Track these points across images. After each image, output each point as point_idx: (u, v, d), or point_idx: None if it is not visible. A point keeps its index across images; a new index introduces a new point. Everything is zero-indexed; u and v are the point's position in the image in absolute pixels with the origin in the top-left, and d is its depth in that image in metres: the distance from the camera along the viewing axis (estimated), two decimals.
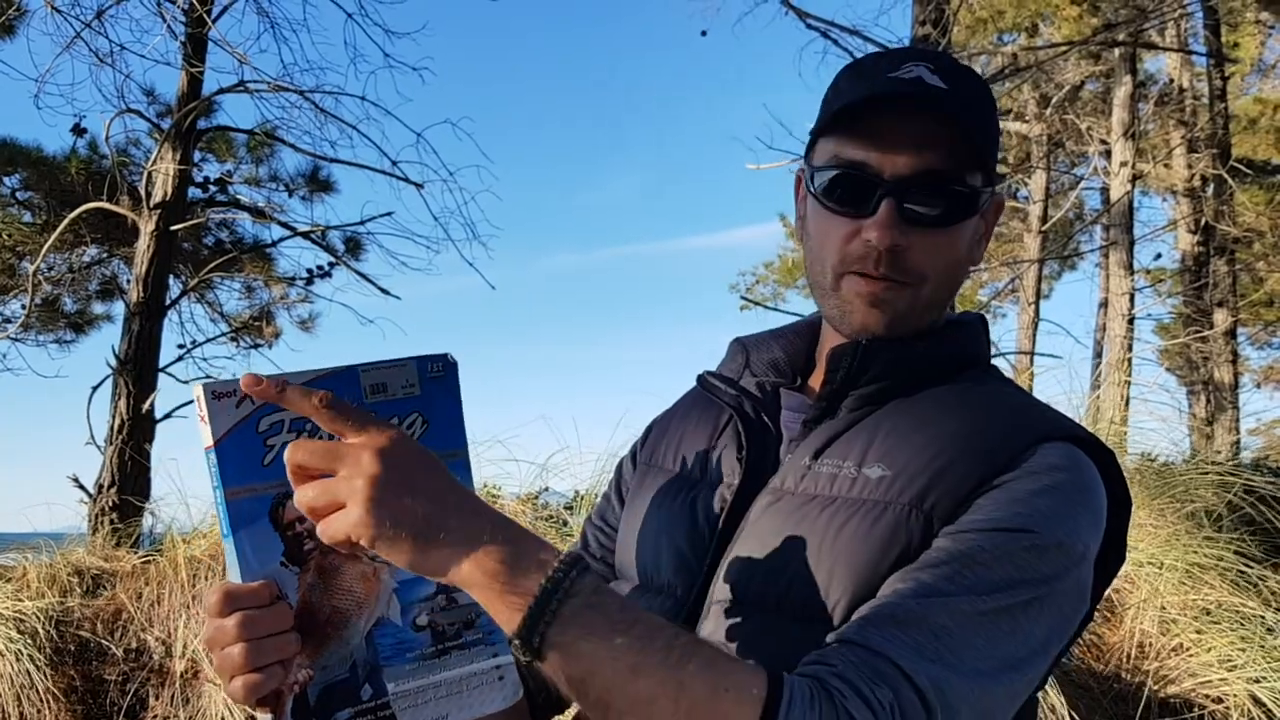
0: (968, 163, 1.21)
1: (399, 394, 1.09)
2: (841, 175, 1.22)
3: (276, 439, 1.05)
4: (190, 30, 8.52)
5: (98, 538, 6.07)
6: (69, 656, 4.87)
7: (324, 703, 1.06)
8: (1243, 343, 16.36)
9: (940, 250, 1.22)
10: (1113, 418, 6.21)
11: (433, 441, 1.08)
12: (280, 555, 1.05)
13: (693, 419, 1.43)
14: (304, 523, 1.05)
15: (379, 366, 1.09)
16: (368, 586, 1.08)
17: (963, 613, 1.04)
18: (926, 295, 1.24)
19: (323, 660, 1.06)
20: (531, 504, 5.75)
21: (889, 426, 1.21)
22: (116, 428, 7.87)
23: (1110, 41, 10.68)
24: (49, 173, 10.38)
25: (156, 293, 8.35)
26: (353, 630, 1.07)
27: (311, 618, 1.06)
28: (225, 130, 9.99)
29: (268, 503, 1.05)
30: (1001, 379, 1.32)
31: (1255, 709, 3.77)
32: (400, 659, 1.08)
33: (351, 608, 1.07)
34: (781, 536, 1.18)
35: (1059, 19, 13.68)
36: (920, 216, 1.20)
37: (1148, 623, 4.12)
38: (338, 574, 1.07)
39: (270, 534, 1.05)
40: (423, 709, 1.09)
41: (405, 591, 1.09)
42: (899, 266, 1.21)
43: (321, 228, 9.92)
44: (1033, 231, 16.47)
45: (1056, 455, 1.16)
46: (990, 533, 1.09)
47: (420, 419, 1.10)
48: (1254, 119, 15.30)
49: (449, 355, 1.12)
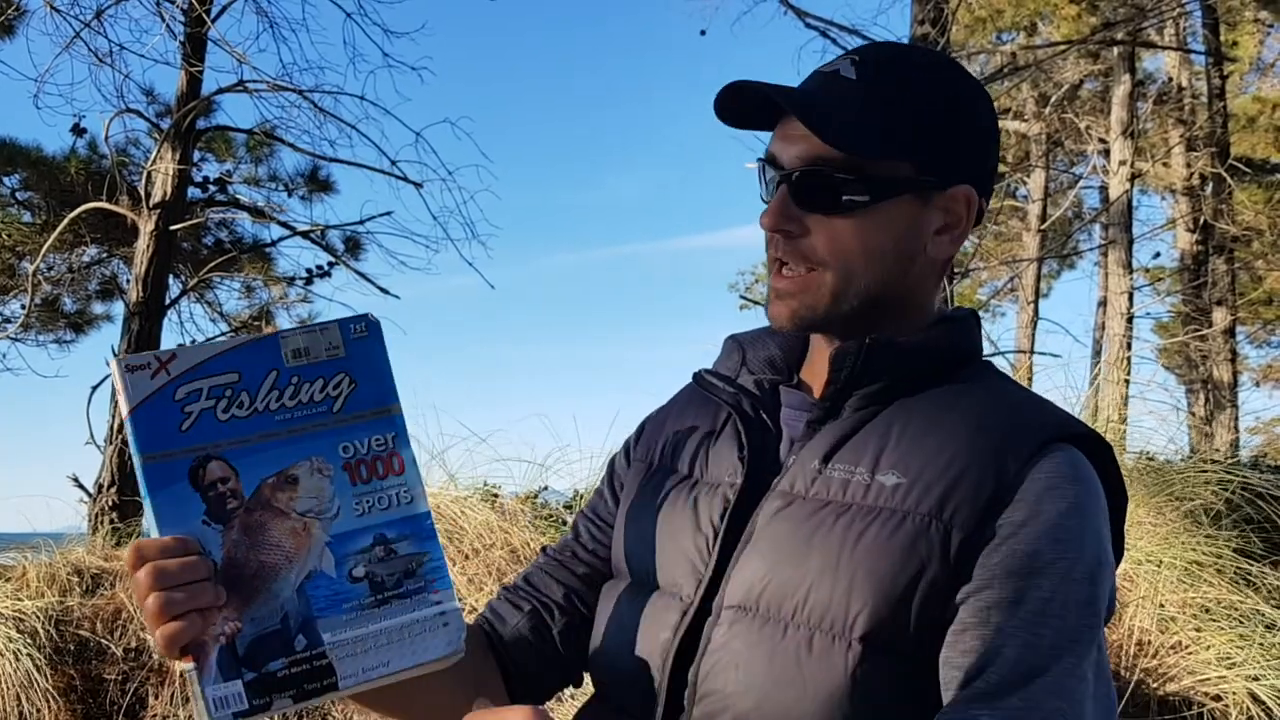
0: (867, 150, 1.19)
1: (323, 357, 1.12)
2: (761, 167, 1.28)
3: (194, 406, 1.08)
4: (189, 30, 8.53)
5: (97, 537, 6.06)
6: (68, 656, 4.87)
7: (254, 653, 1.07)
8: (1241, 341, 16.37)
9: (842, 235, 1.21)
10: (1111, 416, 6.21)
11: (362, 400, 1.13)
12: (201, 514, 1.07)
13: (690, 417, 1.42)
14: (226, 483, 1.08)
15: (299, 332, 1.12)
16: (297, 541, 1.09)
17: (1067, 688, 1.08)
18: (839, 281, 1.23)
19: (251, 613, 1.07)
20: (530, 503, 5.75)
21: (898, 431, 1.21)
22: (116, 427, 7.87)
23: (1109, 40, 10.69)
24: (48, 173, 10.40)
25: (156, 292, 8.36)
26: (282, 583, 1.08)
27: (238, 573, 1.07)
28: (225, 130, 10.01)
29: (186, 465, 1.07)
30: (998, 374, 1.32)
31: (1254, 706, 3.77)
32: (336, 610, 1.09)
33: (280, 561, 1.09)
34: (796, 543, 1.17)
35: (1058, 18, 13.68)
36: (813, 202, 1.21)
37: (1146, 620, 4.12)
38: (264, 530, 1.09)
39: (190, 495, 1.07)
40: (362, 657, 1.09)
41: (340, 545, 1.10)
42: (796, 253, 1.23)
43: (321, 227, 9.93)
44: (1031, 230, 16.48)
45: (1067, 464, 1.17)
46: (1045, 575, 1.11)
47: (348, 379, 1.12)
48: (1253, 117, 15.30)
49: (370, 315, 1.15)
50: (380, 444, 1.13)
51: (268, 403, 1.11)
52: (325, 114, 8.91)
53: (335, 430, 1.12)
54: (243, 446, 1.09)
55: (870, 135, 1.19)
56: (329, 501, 1.11)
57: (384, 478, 1.13)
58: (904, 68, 1.24)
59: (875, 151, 1.20)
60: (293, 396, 1.11)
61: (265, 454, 1.10)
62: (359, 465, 1.12)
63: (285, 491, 1.10)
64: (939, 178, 1.23)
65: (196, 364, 1.10)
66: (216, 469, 1.08)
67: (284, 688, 1.07)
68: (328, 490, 1.11)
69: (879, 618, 1.11)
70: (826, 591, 1.13)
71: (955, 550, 1.12)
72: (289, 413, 1.11)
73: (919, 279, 1.28)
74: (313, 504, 1.10)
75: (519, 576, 1.48)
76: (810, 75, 1.27)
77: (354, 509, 1.11)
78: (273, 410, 1.11)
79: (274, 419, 1.11)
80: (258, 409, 1.10)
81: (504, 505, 5.61)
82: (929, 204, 1.24)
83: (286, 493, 1.10)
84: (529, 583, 1.45)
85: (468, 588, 4.83)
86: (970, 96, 1.27)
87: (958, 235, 1.28)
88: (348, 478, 1.11)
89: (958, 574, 1.12)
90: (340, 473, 1.11)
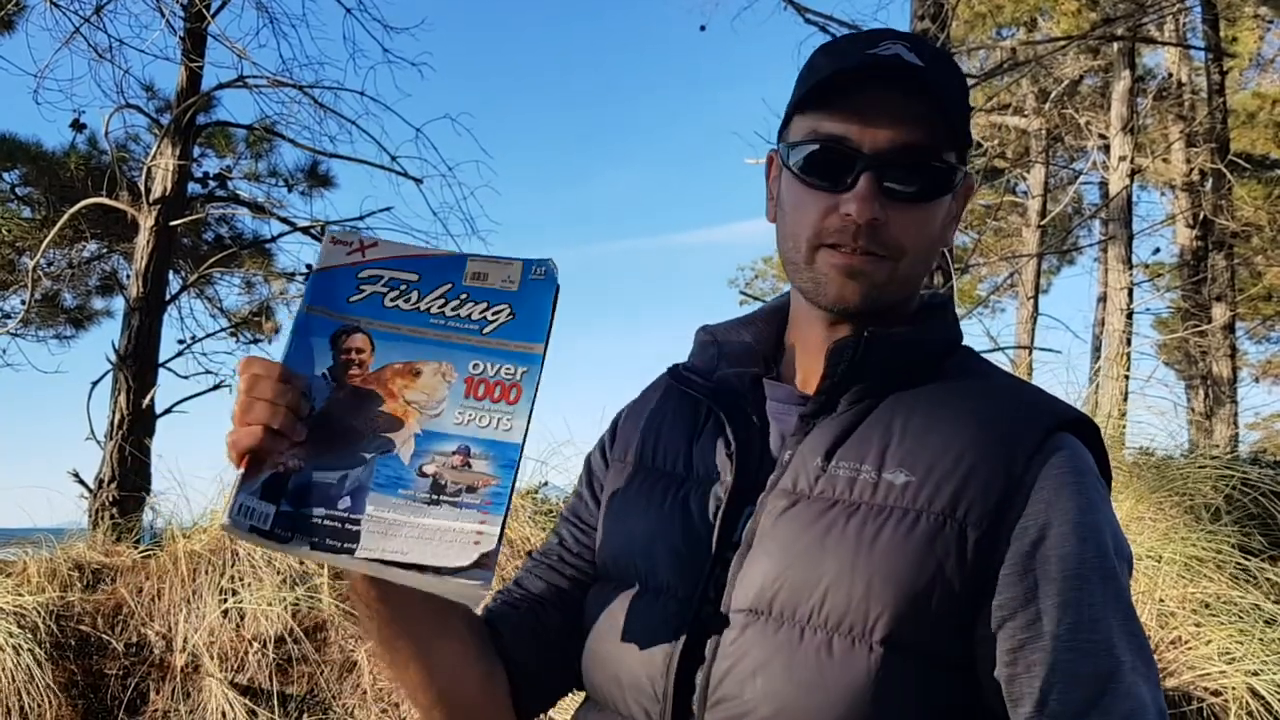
0: (945, 139, 1.21)
1: (497, 285, 1.19)
2: (821, 149, 1.22)
3: (369, 287, 1.19)
4: (189, 25, 8.52)
5: (98, 533, 6.06)
6: (69, 651, 4.87)
7: (301, 493, 1.13)
8: (1241, 337, 16.37)
9: (918, 225, 1.22)
10: (1111, 412, 6.21)
11: (514, 331, 1.18)
12: (325, 368, 1.17)
13: (668, 413, 1.40)
14: (360, 354, 1.17)
15: (487, 260, 1.21)
16: (392, 422, 1.15)
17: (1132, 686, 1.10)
18: (903, 270, 1.23)
19: (317, 462, 1.14)
20: (531, 498, 5.75)
21: (901, 425, 1.20)
22: (116, 423, 7.88)
23: (1109, 36, 10.67)
24: (48, 168, 10.39)
25: (156, 288, 8.36)
26: (359, 449, 1.15)
27: (327, 426, 1.15)
28: (225, 125, 10.00)
29: (336, 326, 1.18)
30: (982, 361, 1.33)
31: (1254, 702, 3.78)
32: (391, 490, 1.13)
33: (367, 431, 1.15)
34: (808, 544, 1.16)
35: (1057, 13, 13.68)
36: (899, 191, 1.20)
37: (1146, 616, 4.13)
38: (369, 400, 1.16)
39: (325, 350, 1.17)
40: (388, 539, 1.11)
41: (427, 440, 1.15)
42: (877, 240, 1.20)
43: (321, 223, 9.91)
44: (1031, 226, 16.47)
45: (1074, 455, 1.18)
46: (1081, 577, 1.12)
47: (509, 310, 1.18)
48: (1253, 113, 15.29)
49: (551, 261, 1.20)
50: (509, 373, 1.16)
51: (431, 305, 1.19)
52: (325, 109, 8.91)
53: (476, 348, 1.17)
54: (391, 332, 1.18)
55: (947, 126, 1.21)
56: (437, 402, 1.16)
57: (496, 401, 1.16)
58: (946, 58, 1.25)
59: (951, 142, 1.21)
60: (455, 309, 1.18)
61: (406, 345, 1.18)
62: (480, 383, 1.16)
63: (404, 379, 1.16)
64: (965, 169, 1.25)
65: (390, 256, 1.21)
66: (358, 340, 1.17)
67: (309, 532, 1.12)
68: (441, 392, 1.16)
69: (900, 620, 1.10)
70: (844, 594, 1.12)
71: (972, 549, 1.12)
72: (444, 319, 1.18)
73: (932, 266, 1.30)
74: (422, 398, 1.16)
75: (511, 581, 1.46)
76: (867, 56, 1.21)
77: (456, 416, 1.15)
78: (432, 313, 1.19)
79: (429, 319, 1.18)
80: (419, 308, 1.19)
81: None
82: (955, 195, 1.26)
83: (405, 380, 1.16)
84: (521, 586, 1.44)
85: None
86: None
87: (958, 222, 1.31)
88: (464, 389, 1.16)
89: (977, 573, 1.12)
90: (460, 383, 1.16)
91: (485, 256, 1.21)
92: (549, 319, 1.18)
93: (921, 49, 1.21)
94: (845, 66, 1.20)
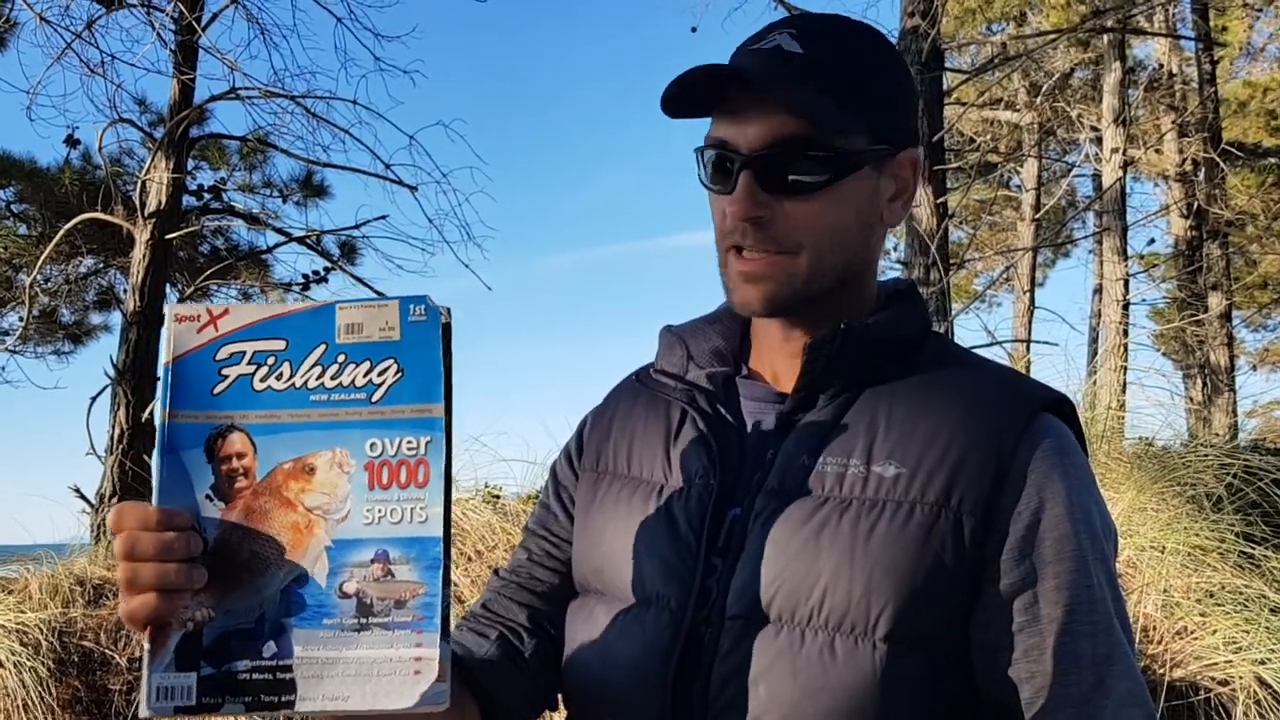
0: (833, 123, 1.17)
1: (375, 336, 1.04)
2: (708, 155, 1.22)
3: (232, 369, 1.03)
4: (180, 38, 8.53)
5: (100, 547, 6.05)
6: (72, 667, 4.86)
7: (220, 648, 1.01)
8: (1237, 325, 16.40)
9: (812, 216, 1.18)
10: (1110, 403, 6.21)
11: (406, 394, 1.04)
12: (207, 487, 1.02)
13: (639, 418, 1.36)
14: (241, 459, 1.02)
15: (357, 304, 1.05)
16: (297, 538, 1.02)
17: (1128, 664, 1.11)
18: (810, 262, 1.19)
19: (228, 604, 1.01)
20: (532, 503, 5.75)
21: (885, 417, 1.18)
22: (116, 437, 7.89)
23: (1099, 28, 10.69)
24: (43, 184, 10.39)
25: (153, 302, 8.36)
26: (269, 579, 1.02)
27: (226, 558, 1.02)
28: (218, 138, 10.00)
29: (207, 431, 1.03)
30: (955, 347, 1.32)
31: (1261, 690, 3.77)
32: (315, 622, 1.02)
33: (273, 556, 1.02)
34: (801, 544, 1.13)
35: (1047, 7, 13.70)
36: (782, 185, 1.17)
37: (1151, 607, 4.12)
38: (266, 518, 1.02)
39: (201, 464, 1.02)
40: (325, 682, 1.01)
41: (340, 552, 1.02)
42: (767, 237, 1.18)
43: (316, 233, 9.92)
44: (1026, 220, 16.50)
45: (1058, 436, 1.17)
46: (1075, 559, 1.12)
47: (395, 366, 1.04)
48: (1244, 102, 15.33)
49: (430, 298, 1.06)
50: (411, 447, 1.03)
51: (307, 379, 1.04)
52: (318, 119, 8.91)
53: (369, 422, 1.03)
54: (269, 422, 1.03)
55: (832, 108, 1.17)
56: (341, 501, 1.03)
57: (405, 487, 1.03)
58: (842, 35, 1.22)
59: (842, 124, 1.17)
60: (334, 376, 1.04)
61: (290, 434, 1.03)
62: (382, 467, 1.03)
63: (299, 481, 1.03)
64: (890, 145, 1.22)
65: (248, 323, 1.04)
66: (236, 441, 1.02)
67: (240, 692, 1.00)
68: (343, 489, 1.03)
69: (902, 614, 1.09)
70: (844, 592, 1.10)
71: (969, 537, 1.11)
72: (326, 393, 1.04)
73: (875, 249, 1.27)
74: (324, 500, 1.03)
75: (477, 603, 1.40)
76: (747, 54, 1.21)
77: (364, 515, 1.02)
78: (310, 388, 1.04)
79: (309, 397, 1.04)
80: (295, 384, 1.04)
81: (506, 506, 5.60)
82: (883, 173, 1.23)
83: (300, 482, 1.03)
84: (489, 609, 1.38)
85: (470, 589, 4.83)
86: (900, 62, 1.26)
87: (907, 199, 1.26)
88: (367, 479, 1.03)
89: (976, 561, 1.11)
90: (360, 472, 1.03)
91: (356, 301, 1.05)
92: (441, 369, 1.04)
93: (809, 33, 1.19)
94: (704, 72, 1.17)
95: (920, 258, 7.28)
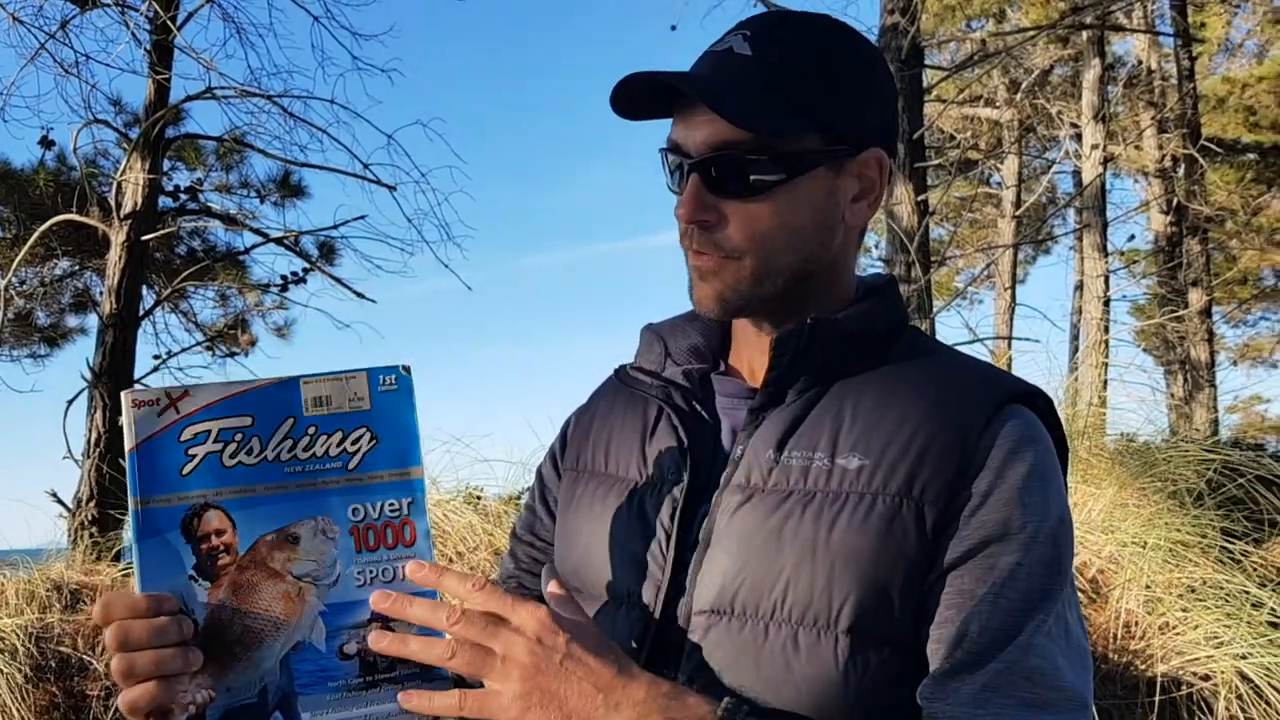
0: (775, 127, 1.15)
1: (345, 407, 1.06)
2: (664, 156, 1.23)
3: (199, 449, 1.03)
4: (155, 38, 8.48)
5: (77, 552, 6.01)
6: (49, 673, 4.82)
7: None
8: (1218, 321, 16.47)
9: (755, 220, 1.18)
10: (1092, 399, 6.23)
11: (383, 460, 1.06)
12: (190, 568, 1.02)
13: (617, 416, 1.37)
14: (221, 536, 1.02)
15: (323, 378, 1.06)
16: (289, 607, 1.03)
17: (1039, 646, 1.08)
18: (757, 265, 1.19)
19: (228, 681, 1.01)
20: (514, 504, 5.73)
21: (851, 411, 1.18)
22: (94, 441, 7.83)
23: (1078, 25, 10.73)
24: (17, 186, 10.33)
25: (130, 304, 8.30)
26: (266, 652, 1.02)
27: (219, 636, 1.01)
28: (194, 138, 9.95)
29: (181, 513, 1.02)
30: (930, 341, 1.30)
31: (1243, 685, 3.77)
32: (320, 688, 1.02)
33: (267, 628, 1.02)
34: (765, 538, 1.14)
35: (1026, 4, 13.75)
36: (728, 188, 1.17)
37: (1133, 602, 4.13)
38: (254, 592, 1.02)
39: (180, 545, 1.02)
40: None
41: (335, 616, 1.03)
42: (708, 241, 1.19)
43: (294, 233, 9.87)
44: (1006, 217, 16.55)
45: (1024, 425, 1.16)
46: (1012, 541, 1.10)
47: (369, 434, 1.06)
48: (1222, 98, 15.40)
49: (403, 367, 1.08)
50: (394, 509, 1.06)
51: (279, 452, 1.04)
52: (295, 119, 8.86)
53: (348, 489, 1.05)
54: (245, 497, 1.03)
55: (775, 111, 1.15)
56: (329, 567, 1.04)
57: (393, 547, 1.05)
58: (798, 34, 1.20)
59: (782, 127, 1.16)
60: (307, 448, 1.05)
61: (268, 508, 1.04)
62: (367, 531, 1.05)
63: (283, 551, 1.03)
64: (849, 145, 1.20)
65: (209, 403, 1.04)
66: (213, 519, 1.02)
67: None
68: (330, 554, 1.04)
69: (864, 606, 1.09)
70: (806, 585, 1.10)
71: (931, 527, 1.11)
72: (300, 465, 1.04)
73: (840, 250, 1.25)
74: (311, 568, 1.03)
75: None
76: (702, 56, 1.22)
77: (355, 578, 1.04)
78: (283, 460, 1.04)
79: (283, 470, 1.04)
80: (267, 458, 1.04)
81: (487, 507, 5.59)
82: (842, 172, 1.21)
83: (285, 552, 1.03)
84: None
85: None
86: (867, 57, 1.24)
87: (874, 200, 1.25)
88: (353, 543, 1.04)
89: (937, 551, 1.11)
90: (346, 536, 1.04)
91: (320, 375, 1.06)
92: (416, 434, 1.07)
93: (763, 34, 1.19)
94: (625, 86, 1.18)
95: (901, 255, 7.28)
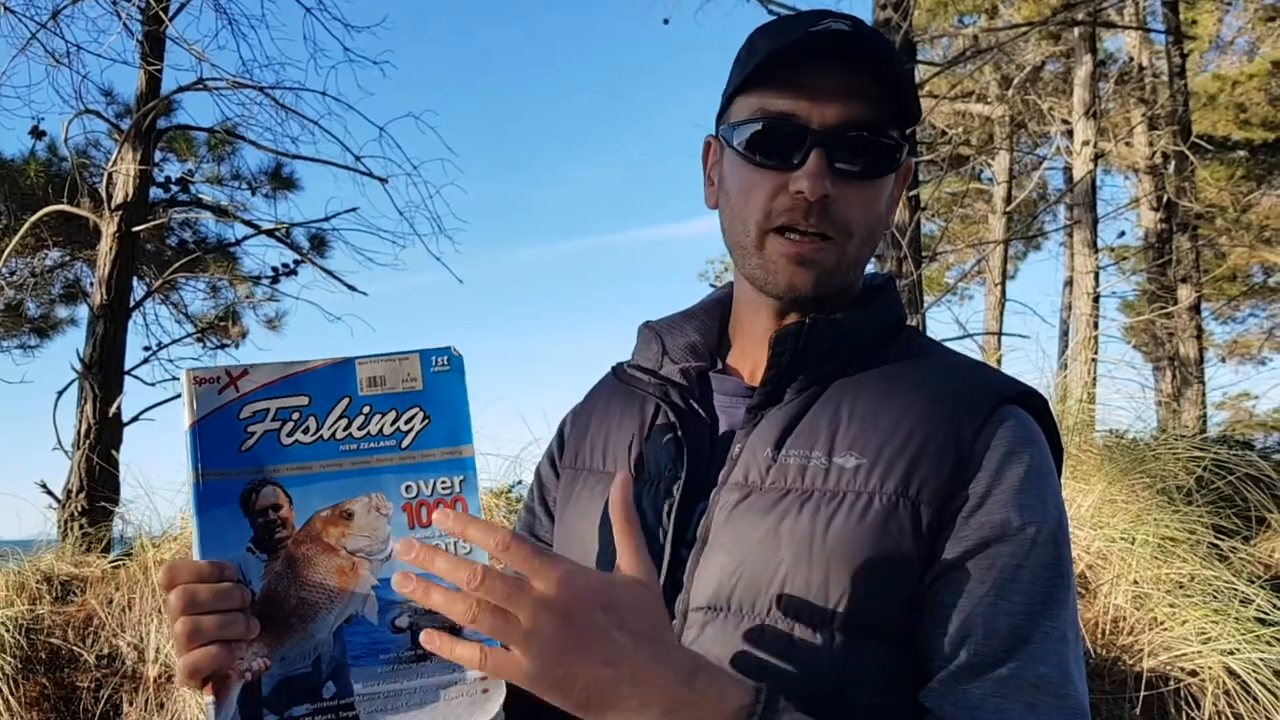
0: (891, 116, 1.18)
1: (399, 387, 1.08)
2: (768, 127, 1.18)
3: (258, 426, 1.06)
4: (147, 28, 8.43)
5: (67, 543, 5.99)
6: (40, 665, 4.81)
7: (280, 695, 1.03)
8: (1207, 318, 16.52)
9: (866, 204, 1.19)
10: (1081, 395, 6.24)
11: (435, 438, 1.08)
12: (248, 541, 1.04)
13: (615, 414, 1.37)
14: (278, 511, 1.05)
15: (377, 359, 1.09)
16: (343, 580, 1.05)
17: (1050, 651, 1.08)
18: (852, 252, 1.21)
19: (282, 651, 1.04)
20: (505, 498, 5.73)
21: (848, 410, 1.18)
22: (84, 432, 7.80)
23: (1070, 21, 10.74)
24: (8, 176, 10.27)
25: (120, 295, 8.27)
26: (320, 624, 1.04)
27: (275, 607, 1.04)
28: (185, 129, 9.90)
29: (240, 487, 1.05)
30: (928, 341, 1.31)
31: (1230, 680, 3.79)
32: (372, 660, 1.04)
33: (322, 601, 1.05)
34: (761, 535, 1.14)
35: (1018, 0, 13.74)
36: (847, 169, 1.17)
37: (1121, 598, 4.14)
38: (310, 565, 1.05)
39: (239, 518, 1.05)
40: (391, 715, 1.04)
41: (388, 590, 1.04)
42: (828, 219, 1.18)
43: (286, 225, 9.84)
44: (997, 212, 16.56)
45: (1020, 426, 1.17)
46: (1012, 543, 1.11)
47: (421, 414, 1.08)
48: (1213, 95, 15.42)
49: (453, 348, 1.10)
50: (446, 487, 1.07)
51: (334, 431, 1.07)
52: (287, 110, 8.82)
53: (401, 467, 1.07)
54: (301, 474, 1.06)
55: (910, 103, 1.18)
56: (382, 542, 1.06)
57: None
58: (884, 37, 1.22)
59: (917, 117, 1.18)
60: (361, 427, 1.07)
61: (324, 484, 1.06)
62: (420, 507, 1.07)
63: (338, 526, 1.06)
64: (908, 146, 1.22)
65: (267, 383, 1.07)
66: (270, 494, 1.05)
67: None
68: (383, 530, 1.06)
69: (859, 604, 1.09)
70: (802, 583, 1.11)
71: (927, 527, 1.11)
72: (355, 443, 1.07)
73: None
74: (365, 543, 1.06)
75: None
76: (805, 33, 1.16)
77: None
78: (339, 439, 1.07)
79: (339, 448, 1.07)
80: (323, 436, 1.07)
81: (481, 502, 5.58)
82: (897, 172, 1.24)
83: (339, 528, 1.06)
84: None
85: None
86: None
87: (896, 205, 1.28)
88: (406, 519, 1.06)
89: (932, 550, 1.11)
90: (399, 513, 1.06)
91: (374, 356, 1.09)
92: (468, 414, 1.09)
93: (861, 27, 1.18)
94: (790, 41, 1.15)
95: (893, 250, 7.29)
